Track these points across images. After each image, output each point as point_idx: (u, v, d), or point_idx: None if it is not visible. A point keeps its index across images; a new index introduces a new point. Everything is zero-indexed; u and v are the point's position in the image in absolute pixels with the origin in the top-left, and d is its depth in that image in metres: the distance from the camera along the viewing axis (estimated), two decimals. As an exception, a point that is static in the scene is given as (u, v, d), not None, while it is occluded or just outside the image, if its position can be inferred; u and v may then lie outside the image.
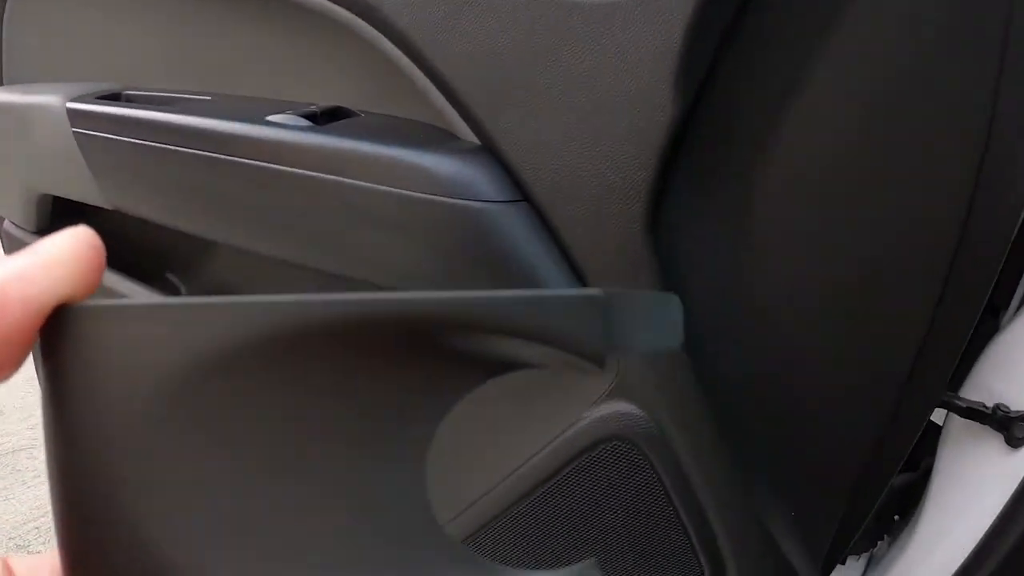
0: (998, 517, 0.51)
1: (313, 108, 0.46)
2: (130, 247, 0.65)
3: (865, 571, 0.64)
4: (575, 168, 0.38)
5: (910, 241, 0.41)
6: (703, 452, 0.41)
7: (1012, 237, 0.41)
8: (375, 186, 0.40)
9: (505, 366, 0.15)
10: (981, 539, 0.52)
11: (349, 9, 0.43)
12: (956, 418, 0.54)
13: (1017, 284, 0.61)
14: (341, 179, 0.40)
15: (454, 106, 0.41)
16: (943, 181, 0.39)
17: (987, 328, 0.58)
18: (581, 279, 0.40)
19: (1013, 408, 0.53)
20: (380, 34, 0.42)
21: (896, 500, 0.63)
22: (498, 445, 0.45)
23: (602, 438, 0.41)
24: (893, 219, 0.40)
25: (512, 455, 0.44)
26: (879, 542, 0.64)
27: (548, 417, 0.42)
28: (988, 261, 0.42)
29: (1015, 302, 0.60)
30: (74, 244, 0.15)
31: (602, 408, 0.41)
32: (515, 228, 0.39)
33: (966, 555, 0.53)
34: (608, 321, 0.13)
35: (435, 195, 0.39)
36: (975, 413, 0.52)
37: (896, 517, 0.64)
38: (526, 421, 0.43)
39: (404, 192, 0.39)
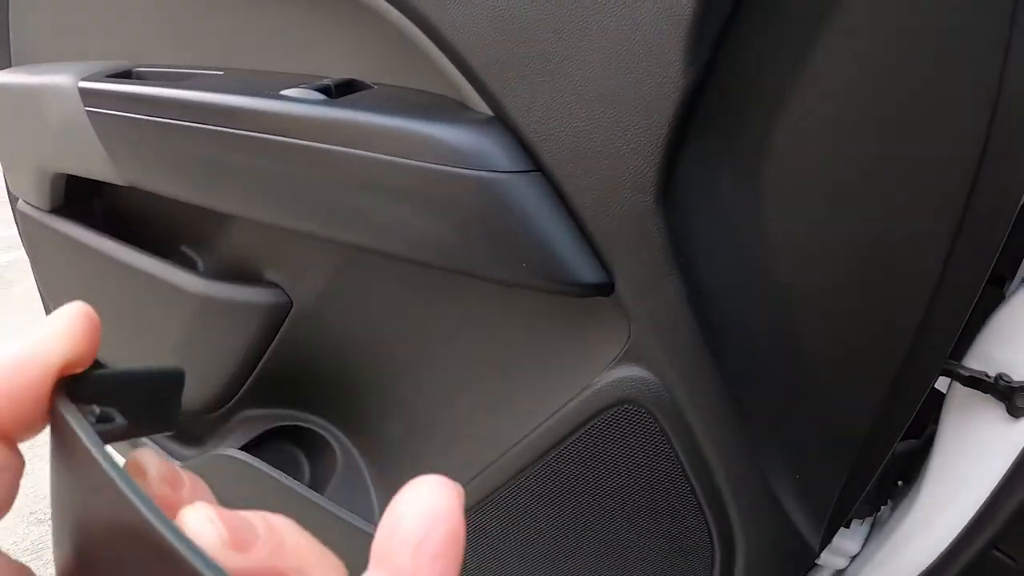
0: (998, 485, 0.52)
1: (327, 81, 0.46)
2: (145, 222, 0.66)
3: (869, 535, 0.66)
4: (587, 138, 0.39)
5: (917, 211, 0.41)
6: (711, 415, 0.42)
7: (1016, 210, 0.42)
8: (389, 158, 0.41)
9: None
10: (981, 506, 0.53)
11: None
12: (959, 387, 0.55)
13: (1023, 255, 0.61)
14: (355, 151, 0.41)
15: (467, 77, 0.42)
16: (950, 153, 0.39)
17: (992, 298, 0.58)
18: (593, 247, 0.41)
19: (1015, 378, 0.53)
20: (393, 7, 0.42)
21: (899, 466, 0.64)
22: (511, 411, 0.47)
23: (613, 402, 0.42)
24: (901, 190, 0.41)
25: (525, 420, 0.46)
26: (882, 507, 0.65)
27: (560, 382, 0.44)
28: (992, 233, 0.42)
29: (1021, 272, 0.60)
30: (72, 319, 0.17)
31: (613, 373, 0.42)
32: (528, 197, 0.40)
33: (967, 522, 0.54)
34: None
35: (449, 166, 0.40)
36: (977, 382, 0.53)
37: (899, 483, 0.65)
38: (539, 387, 0.45)
39: (418, 163, 0.40)
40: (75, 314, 0.17)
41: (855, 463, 0.49)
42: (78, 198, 0.64)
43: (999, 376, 0.53)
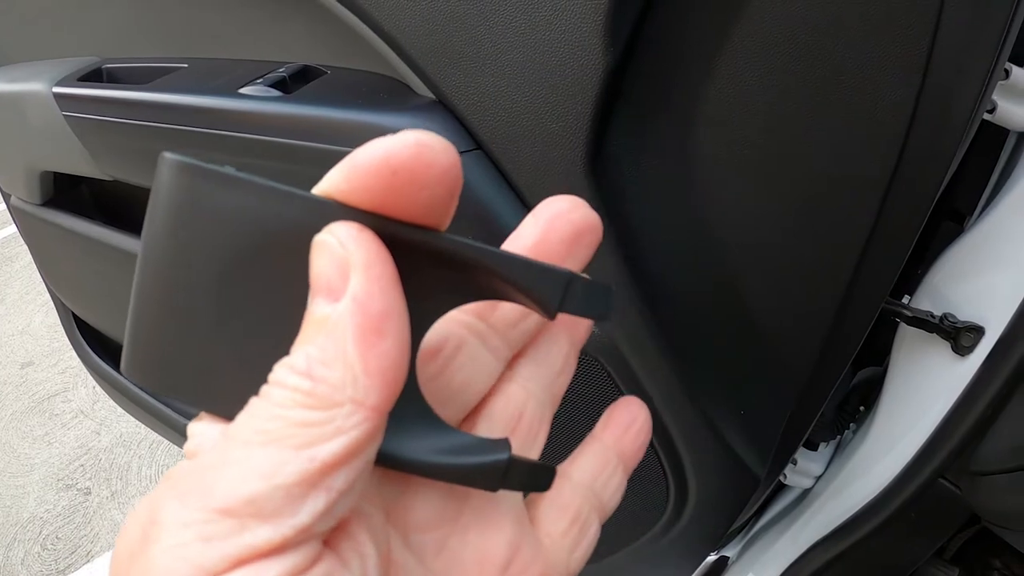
0: (944, 418, 0.56)
1: (283, 73, 0.51)
2: (135, 206, 0.72)
3: (832, 458, 0.73)
4: (519, 119, 0.44)
5: (850, 159, 0.44)
6: (651, 359, 0.48)
7: (953, 152, 0.43)
8: (341, 148, 0.46)
9: (477, 294, 0.21)
10: (929, 437, 0.57)
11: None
12: (908, 323, 0.58)
13: (983, 189, 0.64)
14: (310, 144, 0.46)
15: (407, 64, 0.46)
16: (883, 99, 0.41)
17: (953, 234, 0.61)
18: (534, 218, 0.46)
19: (961, 318, 0.56)
20: (337, 3, 0.47)
21: (862, 392, 0.70)
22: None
23: (564, 355, 0.48)
24: (833, 139, 0.43)
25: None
26: (846, 431, 0.72)
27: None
28: (928, 175, 0.44)
29: (979, 208, 0.63)
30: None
31: (562, 329, 0.48)
32: (472, 176, 0.45)
33: (916, 452, 0.59)
34: (565, 293, 0.20)
35: (396, 154, 0.45)
36: (922, 322, 0.56)
37: (861, 408, 0.71)
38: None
39: (368, 153, 0.45)
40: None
41: (800, 398, 0.53)
42: (67, 190, 0.69)
43: (944, 316, 0.57)
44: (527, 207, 0.46)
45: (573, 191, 0.44)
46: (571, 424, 0.52)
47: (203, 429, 0.19)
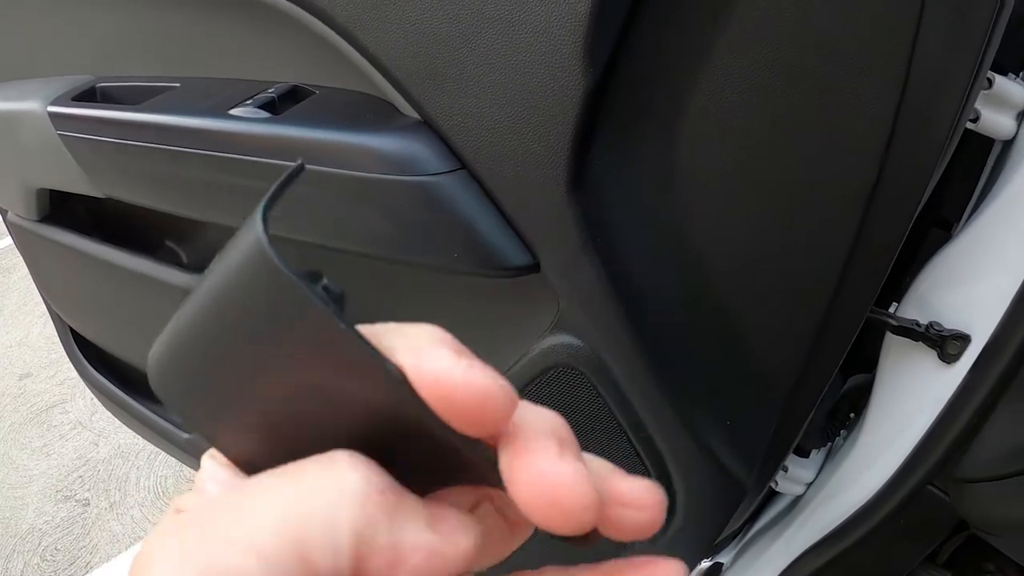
0: (932, 425, 0.57)
1: (272, 94, 0.52)
2: (130, 222, 0.74)
3: (824, 463, 0.74)
4: (502, 139, 0.45)
5: (832, 171, 0.44)
6: (636, 372, 0.49)
7: (933, 166, 0.44)
8: (329, 169, 0.47)
9: None
10: (917, 444, 0.58)
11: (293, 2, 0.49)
12: (895, 331, 0.58)
13: (970, 196, 0.65)
14: (299, 165, 0.48)
15: (393, 85, 0.48)
16: (865, 110, 0.42)
17: (939, 241, 0.61)
18: (518, 233, 0.48)
19: (948, 326, 0.56)
20: (324, 24, 0.48)
21: (852, 398, 0.71)
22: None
23: (549, 366, 0.50)
24: (814, 151, 0.44)
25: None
26: (837, 438, 0.73)
27: (500, 353, 0.51)
28: (909, 187, 0.45)
29: (967, 215, 0.64)
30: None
31: (547, 340, 0.50)
32: (456, 194, 0.47)
33: (904, 459, 0.59)
34: None
35: (383, 174, 0.47)
36: (907, 331, 0.57)
37: (852, 415, 0.72)
38: (481, 359, 0.52)
39: (355, 174, 0.47)
40: None
41: (786, 408, 0.54)
42: (63, 206, 0.71)
43: (930, 324, 0.57)
44: (511, 225, 0.47)
45: (556, 209, 0.46)
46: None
47: (213, 470, 0.20)
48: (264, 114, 0.50)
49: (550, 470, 0.17)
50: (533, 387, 0.51)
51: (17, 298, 2.49)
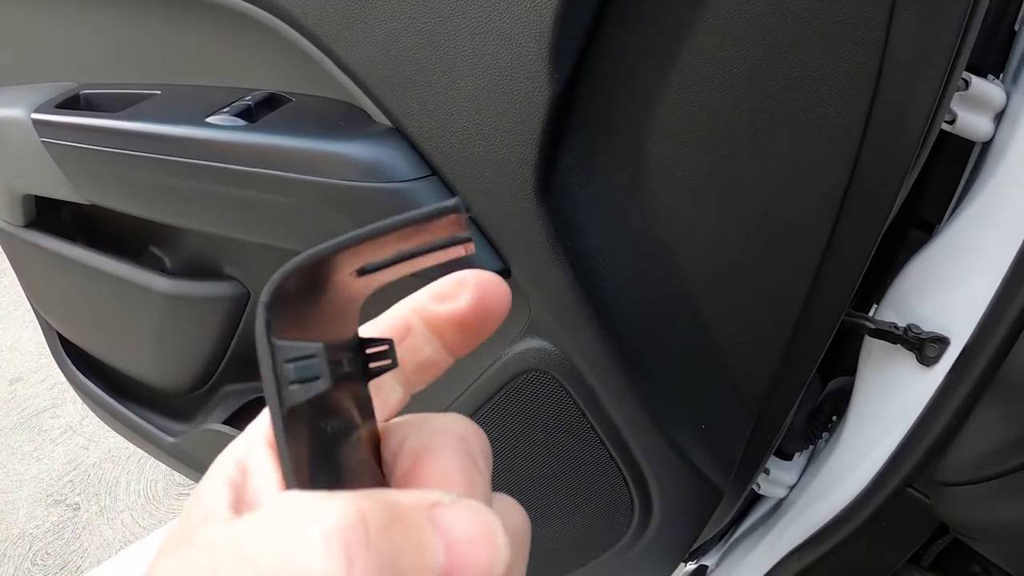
0: (911, 428, 0.58)
1: (248, 102, 0.55)
2: (115, 228, 0.76)
3: (806, 466, 0.76)
4: (470, 145, 0.47)
5: (803, 174, 0.45)
6: (608, 376, 0.51)
7: (906, 169, 0.45)
8: (303, 177, 0.50)
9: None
10: (896, 447, 0.59)
11: (262, 8, 0.51)
12: (874, 333, 0.59)
13: (950, 198, 0.66)
14: (273, 172, 0.50)
15: (364, 93, 0.50)
16: (834, 119, 0.43)
17: (919, 243, 0.61)
18: (488, 239, 0.50)
19: (927, 328, 0.57)
20: (299, 33, 0.51)
21: (834, 401, 0.73)
22: (431, 387, 0.56)
23: (521, 370, 0.52)
24: (785, 157, 0.45)
25: (444, 396, 0.56)
26: (818, 440, 0.74)
27: (473, 357, 0.53)
28: (882, 193, 0.46)
29: (947, 217, 0.65)
30: None
31: (519, 345, 0.52)
32: (427, 201, 0.49)
33: (884, 462, 0.61)
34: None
35: (355, 181, 0.49)
36: (885, 334, 0.58)
37: (834, 418, 0.74)
38: (455, 364, 0.54)
39: (329, 181, 0.49)
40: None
41: (762, 412, 0.55)
42: (49, 212, 0.74)
43: (909, 327, 0.58)
44: (481, 232, 0.49)
45: (525, 214, 0.48)
46: (527, 443, 0.56)
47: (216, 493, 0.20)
48: (240, 122, 0.52)
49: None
50: (505, 392, 0.53)
51: (7, 303, 2.52)
